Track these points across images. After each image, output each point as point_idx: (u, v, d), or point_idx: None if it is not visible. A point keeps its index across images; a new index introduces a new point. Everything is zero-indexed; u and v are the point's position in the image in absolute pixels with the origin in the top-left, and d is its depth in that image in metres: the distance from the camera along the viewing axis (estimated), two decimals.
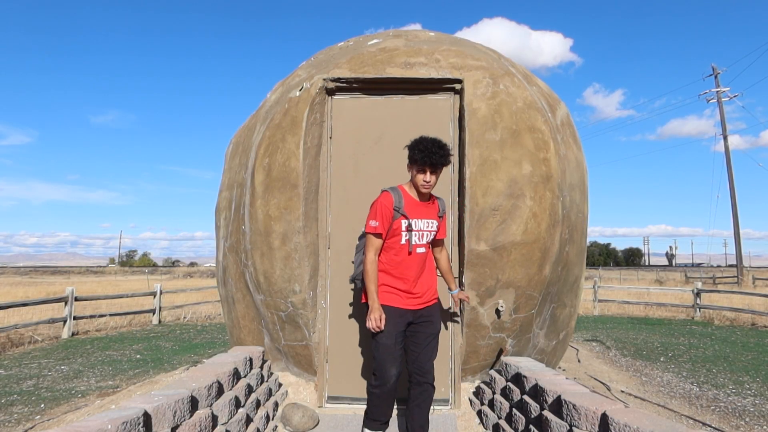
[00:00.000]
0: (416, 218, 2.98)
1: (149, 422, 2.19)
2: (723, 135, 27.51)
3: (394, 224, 2.94)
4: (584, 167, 4.51)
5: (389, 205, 2.92)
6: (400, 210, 2.94)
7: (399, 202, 2.94)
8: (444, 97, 3.99)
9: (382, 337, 2.90)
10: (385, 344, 2.90)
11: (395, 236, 2.96)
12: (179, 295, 15.69)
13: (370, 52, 4.07)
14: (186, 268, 73.98)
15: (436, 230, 3.10)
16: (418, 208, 3.01)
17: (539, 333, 4.06)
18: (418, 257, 3.02)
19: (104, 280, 35.50)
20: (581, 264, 4.48)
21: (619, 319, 13.00)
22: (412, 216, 2.97)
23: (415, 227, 2.98)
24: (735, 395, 5.33)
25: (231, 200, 4.40)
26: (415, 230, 2.97)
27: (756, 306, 12.80)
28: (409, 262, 2.99)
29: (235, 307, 4.29)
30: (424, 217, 3.02)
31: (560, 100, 4.53)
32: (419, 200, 3.03)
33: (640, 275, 40.42)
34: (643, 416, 2.23)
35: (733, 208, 26.79)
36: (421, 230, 3.00)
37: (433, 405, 3.75)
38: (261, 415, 3.31)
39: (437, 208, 3.12)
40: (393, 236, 2.96)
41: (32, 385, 5.67)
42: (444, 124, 3.97)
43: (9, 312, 10.27)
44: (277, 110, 4.01)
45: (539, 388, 2.87)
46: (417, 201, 3.02)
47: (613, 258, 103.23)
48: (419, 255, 3.02)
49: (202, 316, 13.13)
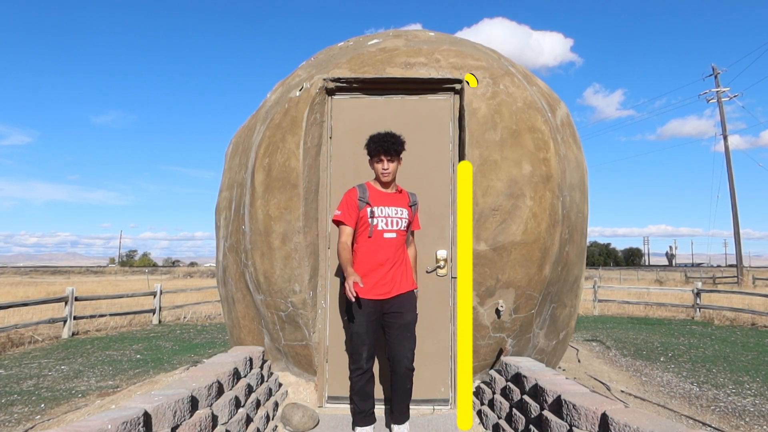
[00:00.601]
0: (381, 205, 3.21)
1: (149, 422, 2.19)
2: (723, 135, 27.52)
3: (361, 213, 3.18)
4: (584, 167, 4.51)
5: (354, 197, 3.19)
6: (364, 199, 3.19)
7: (363, 193, 3.21)
8: (444, 97, 4.00)
9: (354, 326, 3.17)
10: (357, 332, 3.16)
11: (363, 225, 3.19)
12: (179, 295, 15.69)
13: (370, 52, 4.07)
14: (186, 268, 73.97)
15: (407, 219, 3.27)
16: (383, 197, 3.24)
17: (539, 333, 4.06)
18: (386, 243, 3.19)
19: (104, 280, 35.51)
20: (581, 264, 4.48)
21: (619, 319, 13.00)
22: (375, 204, 3.20)
23: (379, 213, 3.19)
24: (735, 395, 5.33)
25: (231, 200, 4.40)
26: (380, 216, 3.18)
27: (756, 306, 12.80)
28: (378, 246, 3.18)
29: (235, 307, 4.29)
30: (390, 204, 3.24)
31: (560, 100, 4.53)
32: (385, 191, 3.26)
33: (640, 275, 40.42)
34: (643, 416, 2.23)
35: (733, 208, 26.79)
36: (388, 216, 3.20)
37: (433, 405, 3.76)
38: (261, 415, 3.31)
39: (407, 198, 3.34)
40: (361, 225, 3.20)
41: (32, 385, 5.67)
42: (444, 124, 3.97)
43: (9, 312, 10.27)
44: (277, 110, 4.01)
45: (539, 388, 2.87)
46: (382, 192, 3.26)
47: (613, 258, 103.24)
48: (387, 240, 3.19)
49: (202, 316, 13.13)
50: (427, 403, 3.77)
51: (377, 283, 3.16)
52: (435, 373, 3.80)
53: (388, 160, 3.16)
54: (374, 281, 3.16)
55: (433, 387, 3.80)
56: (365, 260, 3.18)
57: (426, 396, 3.78)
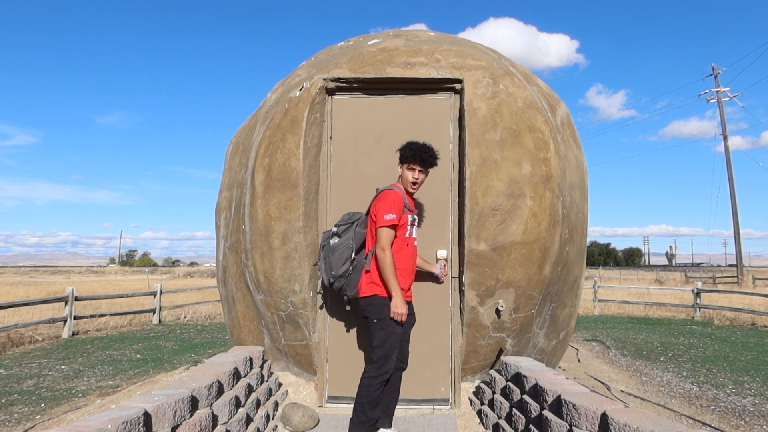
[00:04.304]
0: (414, 213, 3.27)
1: (149, 422, 2.19)
2: (723, 135, 27.51)
3: (402, 219, 3.13)
4: (584, 167, 4.51)
5: (402, 202, 3.11)
6: (407, 205, 3.17)
7: (405, 199, 3.18)
8: (444, 97, 3.99)
9: (390, 328, 3.06)
10: (397, 333, 3.09)
11: (401, 230, 3.16)
12: (179, 295, 15.69)
13: (370, 51, 4.07)
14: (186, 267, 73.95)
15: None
16: (412, 205, 3.30)
17: (539, 333, 4.06)
18: (415, 250, 3.30)
19: (104, 279, 35.51)
20: (581, 264, 4.49)
21: (619, 318, 13.00)
22: (413, 211, 3.26)
23: (416, 222, 3.28)
24: (735, 395, 5.33)
25: (231, 200, 4.40)
26: (415, 225, 3.28)
27: (756, 306, 12.80)
28: (412, 254, 3.25)
29: (236, 307, 4.29)
30: (415, 212, 3.32)
31: (560, 99, 4.54)
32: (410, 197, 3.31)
33: (640, 275, 40.41)
34: (643, 416, 2.23)
35: (733, 208, 26.79)
36: (416, 225, 3.31)
37: (433, 405, 3.77)
38: (261, 414, 3.32)
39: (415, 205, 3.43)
40: (399, 230, 3.15)
41: (32, 385, 5.67)
42: (444, 124, 3.97)
43: (9, 312, 10.27)
44: (278, 110, 4.01)
45: (539, 388, 2.87)
46: (410, 198, 3.31)
47: (613, 258, 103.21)
48: (415, 248, 3.30)
49: (203, 315, 13.13)
50: (428, 403, 3.77)
51: (406, 288, 3.21)
52: (435, 373, 3.80)
53: (421, 170, 3.18)
54: (405, 288, 3.18)
55: (433, 387, 3.80)
56: (405, 267, 3.17)
57: (426, 396, 3.78)
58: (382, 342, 3.06)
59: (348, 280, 3.25)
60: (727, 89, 27.78)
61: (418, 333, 3.61)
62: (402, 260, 3.14)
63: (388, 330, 3.06)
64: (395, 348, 3.09)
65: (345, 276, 3.25)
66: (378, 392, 3.05)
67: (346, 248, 3.27)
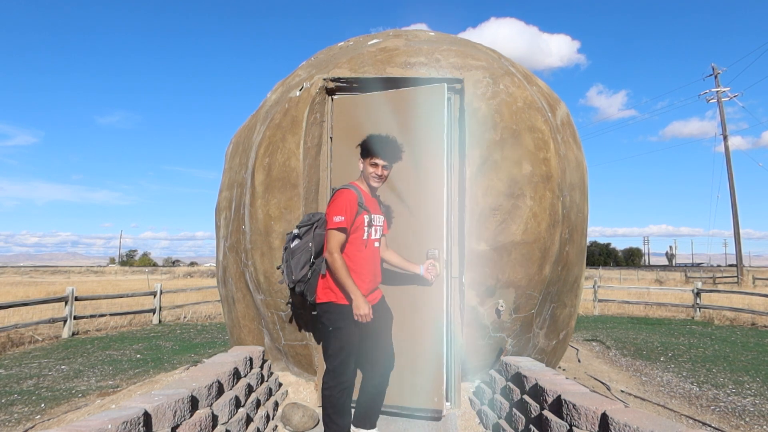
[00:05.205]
0: (374, 213, 3.05)
1: (149, 422, 2.19)
2: (723, 135, 27.51)
3: (357, 220, 2.92)
4: (584, 167, 4.51)
5: (355, 202, 2.90)
6: (362, 205, 2.94)
7: (360, 197, 2.96)
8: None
9: (343, 337, 2.91)
10: (352, 342, 2.93)
11: (357, 232, 2.95)
12: (179, 295, 15.68)
13: (370, 51, 4.07)
14: (186, 267, 73.95)
15: (383, 225, 3.17)
16: (373, 204, 3.09)
17: (539, 333, 4.06)
18: (376, 252, 3.09)
19: (104, 279, 35.52)
20: (581, 264, 4.48)
21: (619, 318, 13.00)
22: (372, 211, 3.02)
23: (375, 222, 3.04)
24: (735, 395, 5.33)
25: (231, 200, 4.40)
26: (375, 225, 3.04)
27: (756, 306, 12.80)
28: (369, 257, 3.02)
29: (236, 307, 4.29)
30: (378, 212, 3.11)
31: (560, 99, 4.53)
32: (371, 195, 3.10)
33: (640, 275, 40.40)
34: (643, 416, 2.23)
35: (733, 208, 26.79)
36: (377, 225, 3.07)
37: (427, 412, 3.73)
38: (261, 414, 3.31)
39: (379, 203, 3.23)
40: (354, 232, 2.94)
41: (32, 385, 5.67)
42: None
43: (9, 311, 10.27)
44: (278, 110, 4.01)
45: (539, 388, 2.87)
46: (371, 196, 3.09)
47: (613, 258, 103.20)
48: (376, 250, 3.09)
49: (202, 315, 13.12)
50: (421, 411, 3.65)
51: (368, 291, 3.00)
52: (428, 380, 3.63)
53: (384, 166, 2.98)
54: (367, 291, 2.98)
55: (426, 396, 3.57)
56: (363, 271, 2.96)
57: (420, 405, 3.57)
58: (337, 351, 2.92)
59: (307, 285, 3.13)
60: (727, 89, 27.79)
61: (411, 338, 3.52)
62: (359, 263, 2.94)
63: (343, 339, 2.91)
64: (352, 355, 2.94)
65: (304, 281, 3.13)
66: (341, 400, 2.92)
67: (304, 251, 3.14)
